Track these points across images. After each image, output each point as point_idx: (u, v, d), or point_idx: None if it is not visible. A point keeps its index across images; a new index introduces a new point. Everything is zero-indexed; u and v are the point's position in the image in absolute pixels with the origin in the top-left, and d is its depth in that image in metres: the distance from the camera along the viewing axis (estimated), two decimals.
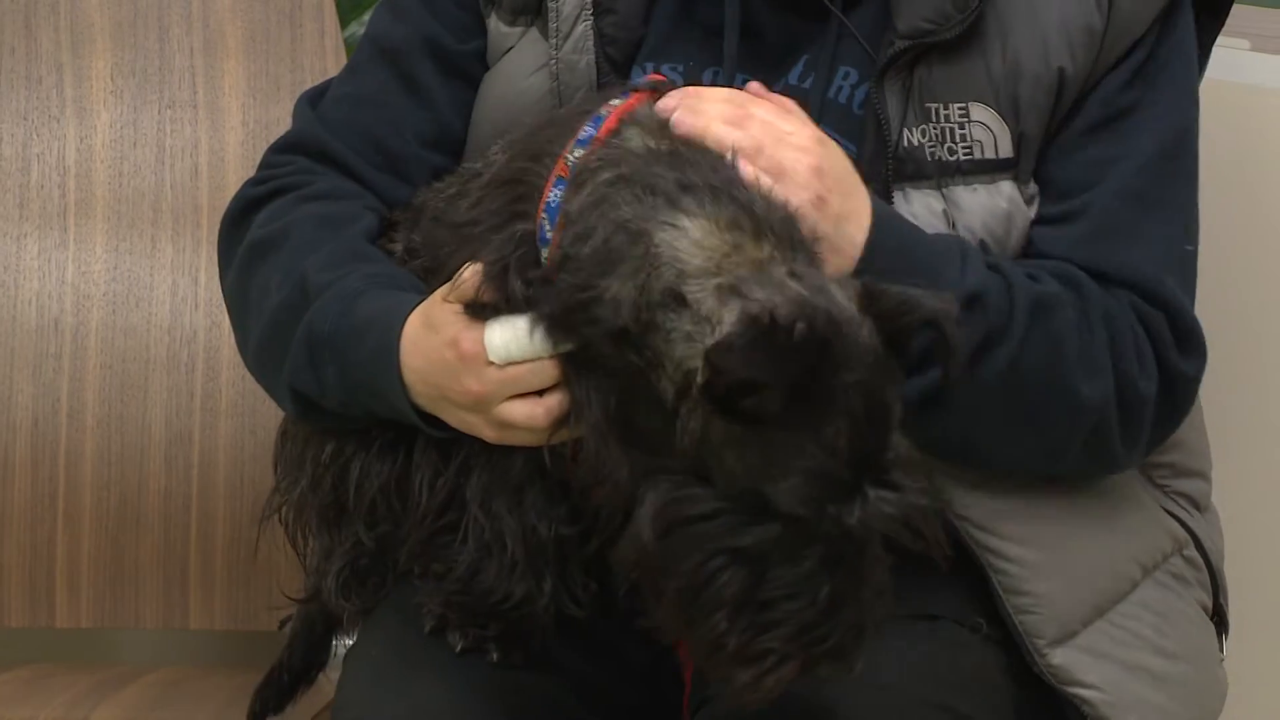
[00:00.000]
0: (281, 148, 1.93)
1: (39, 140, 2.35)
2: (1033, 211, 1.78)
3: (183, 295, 2.33)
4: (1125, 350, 1.74)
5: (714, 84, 1.82)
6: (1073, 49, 1.75)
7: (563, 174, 1.65)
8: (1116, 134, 1.77)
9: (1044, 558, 1.78)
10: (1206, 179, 1.87)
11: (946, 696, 1.70)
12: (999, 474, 1.78)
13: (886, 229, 1.67)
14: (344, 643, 2.01)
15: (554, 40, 1.85)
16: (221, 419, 2.31)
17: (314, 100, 1.95)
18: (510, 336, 1.64)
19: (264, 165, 1.92)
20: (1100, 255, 1.76)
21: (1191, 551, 1.87)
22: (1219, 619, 1.92)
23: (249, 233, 1.85)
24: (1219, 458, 2.01)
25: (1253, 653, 2.17)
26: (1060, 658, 1.78)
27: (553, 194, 1.64)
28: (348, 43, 2.46)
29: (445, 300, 1.66)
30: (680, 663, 1.84)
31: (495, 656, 1.73)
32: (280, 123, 2.35)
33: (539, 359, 1.63)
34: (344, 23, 2.50)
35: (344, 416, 1.77)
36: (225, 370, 2.32)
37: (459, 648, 1.73)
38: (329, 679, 2.02)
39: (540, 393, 1.64)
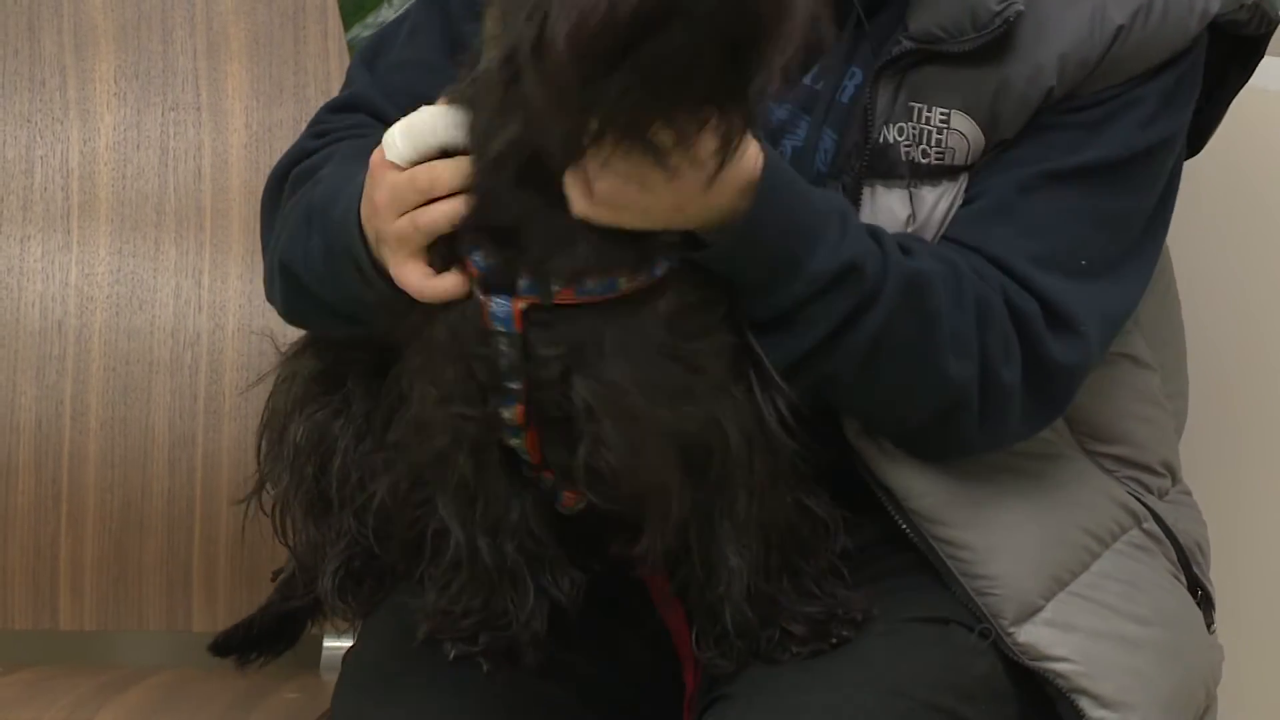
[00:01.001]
0: (337, 107, 1.92)
1: (42, 143, 2.35)
2: None
3: (186, 298, 2.33)
4: (992, 336, 1.71)
5: None
6: (1063, 74, 1.74)
7: None
8: (1045, 142, 1.76)
9: (993, 539, 1.78)
10: (1207, 180, 1.87)
11: (955, 703, 1.70)
12: (940, 466, 1.78)
13: (777, 176, 1.62)
14: (332, 644, 2.01)
15: None
16: (225, 422, 2.31)
17: (369, 61, 1.93)
18: (403, 127, 1.58)
19: (318, 121, 1.91)
20: (981, 233, 1.74)
21: (1151, 525, 1.87)
22: (1201, 595, 1.91)
23: (295, 170, 1.84)
24: (1219, 457, 2.02)
25: (1249, 651, 2.17)
26: (1026, 635, 1.77)
27: None
28: (351, 44, 2.46)
29: None
30: (682, 662, 1.84)
31: (485, 669, 1.72)
32: (284, 125, 2.35)
33: (440, 151, 1.58)
34: (347, 25, 2.50)
35: (323, 308, 1.74)
36: (229, 373, 2.32)
37: (452, 656, 1.72)
38: (326, 680, 2.02)
39: None
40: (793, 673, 1.70)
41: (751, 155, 1.60)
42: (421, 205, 1.61)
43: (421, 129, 1.58)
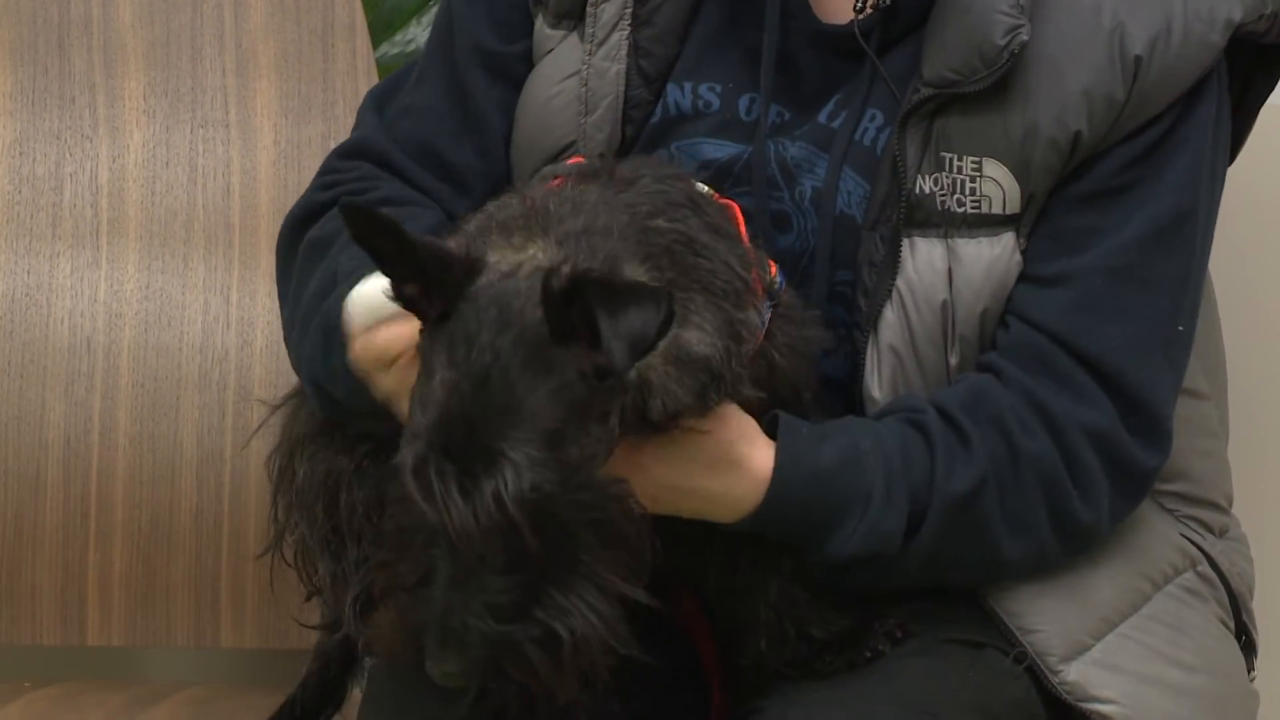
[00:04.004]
0: (345, 153, 1.93)
1: (72, 159, 2.36)
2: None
3: (214, 314, 2.34)
4: (1061, 495, 1.75)
5: (749, 110, 1.82)
6: (1092, 115, 1.74)
7: None
8: (1113, 206, 1.77)
9: (1040, 576, 1.79)
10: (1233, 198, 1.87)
11: None
12: None
13: (787, 478, 1.67)
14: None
15: (588, 45, 1.85)
16: (253, 438, 2.31)
17: (379, 104, 1.95)
18: (357, 304, 1.63)
19: (327, 170, 1.92)
20: (1078, 329, 1.76)
21: (1206, 569, 1.88)
22: (1245, 641, 1.91)
23: (308, 233, 1.85)
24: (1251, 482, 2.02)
25: None
26: (1074, 674, 1.77)
27: None
28: (379, 62, 2.46)
29: None
30: (708, 678, 1.84)
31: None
32: (312, 142, 2.36)
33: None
34: (376, 42, 2.50)
35: (358, 414, 1.75)
36: (257, 389, 2.32)
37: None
38: (355, 695, 2.02)
39: None
40: (825, 690, 1.70)
41: (755, 470, 1.66)
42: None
43: (373, 305, 1.62)
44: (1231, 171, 1.88)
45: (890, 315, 1.77)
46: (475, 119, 1.89)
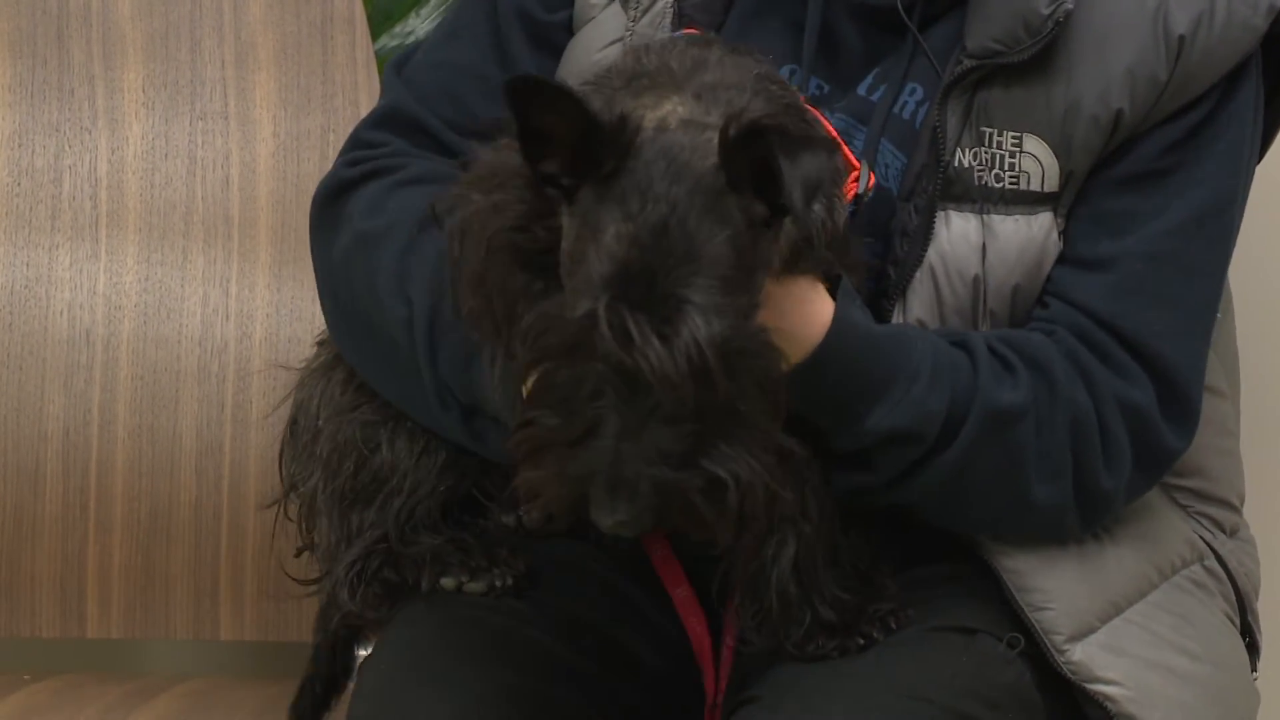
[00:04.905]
0: (375, 122, 1.91)
1: (71, 152, 2.36)
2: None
3: (214, 306, 2.34)
4: (1089, 452, 1.74)
5: (789, 80, 1.82)
6: (1134, 94, 1.74)
7: None
8: (1155, 189, 1.77)
9: (1051, 554, 1.78)
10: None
11: (979, 710, 1.69)
12: None
13: (841, 336, 1.66)
14: (360, 654, 2.01)
15: (632, 13, 1.85)
16: (252, 430, 2.31)
17: (401, 67, 1.94)
18: None
19: (357, 143, 1.91)
20: (1120, 312, 1.76)
21: (1213, 564, 1.87)
22: (1248, 641, 1.91)
23: (352, 221, 1.83)
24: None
25: None
26: (1080, 654, 1.77)
27: None
28: (378, 54, 2.46)
29: None
30: (702, 670, 1.83)
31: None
32: (311, 134, 2.36)
33: None
34: (375, 34, 2.51)
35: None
36: (256, 381, 2.32)
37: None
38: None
39: None
40: (818, 677, 1.70)
41: (819, 314, 1.65)
42: None
43: None
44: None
45: (920, 287, 1.77)
46: None
